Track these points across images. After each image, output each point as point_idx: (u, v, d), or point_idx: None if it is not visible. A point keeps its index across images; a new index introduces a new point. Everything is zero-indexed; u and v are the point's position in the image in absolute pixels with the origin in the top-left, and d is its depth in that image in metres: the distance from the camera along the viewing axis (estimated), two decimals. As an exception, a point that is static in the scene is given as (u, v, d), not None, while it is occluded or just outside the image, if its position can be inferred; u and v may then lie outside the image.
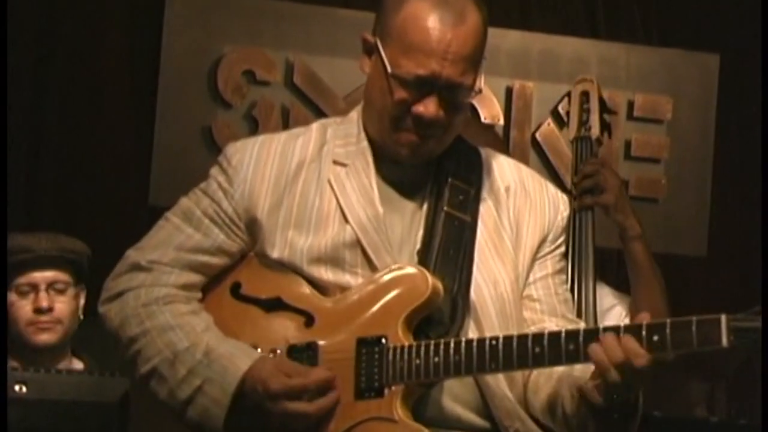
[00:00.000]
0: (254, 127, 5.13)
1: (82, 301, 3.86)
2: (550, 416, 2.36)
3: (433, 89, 2.31)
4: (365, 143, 2.43)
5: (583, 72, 5.35)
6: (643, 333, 2.14)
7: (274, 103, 5.21)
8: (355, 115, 2.49)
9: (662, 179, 5.54)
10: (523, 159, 5.31)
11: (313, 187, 2.41)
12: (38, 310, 3.73)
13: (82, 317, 3.85)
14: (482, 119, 5.33)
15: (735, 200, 5.50)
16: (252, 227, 2.41)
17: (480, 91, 2.36)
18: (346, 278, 2.35)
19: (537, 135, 5.45)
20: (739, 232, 5.40)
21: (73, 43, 5.09)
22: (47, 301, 3.74)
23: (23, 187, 4.95)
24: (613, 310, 3.64)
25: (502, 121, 5.40)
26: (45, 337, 3.74)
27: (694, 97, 5.59)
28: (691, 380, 5.12)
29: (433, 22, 2.30)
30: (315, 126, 2.53)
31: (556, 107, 5.39)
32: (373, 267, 2.34)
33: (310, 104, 5.23)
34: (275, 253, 2.38)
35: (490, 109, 5.38)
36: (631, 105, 5.52)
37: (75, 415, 2.97)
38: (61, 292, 3.78)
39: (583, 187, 3.57)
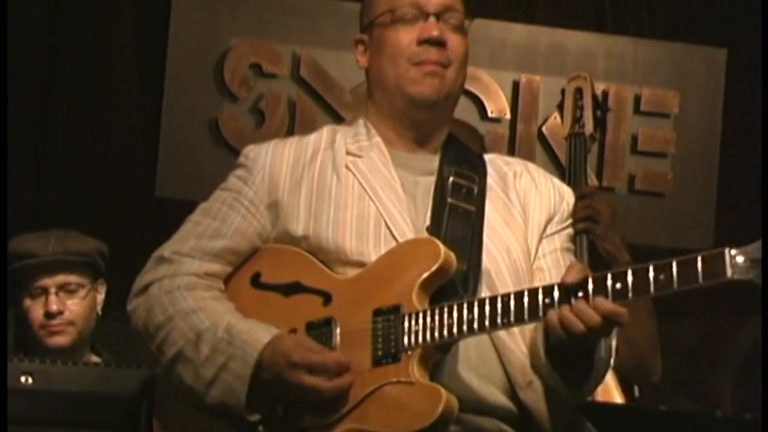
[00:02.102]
0: (260, 120, 5.13)
1: (100, 297, 3.82)
2: (531, 366, 2.42)
3: (429, 14, 2.51)
4: (377, 138, 2.55)
5: (590, 65, 5.38)
6: (650, 274, 2.18)
7: (281, 96, 5.21)
8: (361, 120, 2.61)
9: (669, 173, 5.54)
10: (530, 153, 5.32)
11: (329, 170, 2.51)
12: (48, 314, 3.70)
13: (99, 313, 3.82)
14: (489, 113, 5.33)
15: (741, 194, 5.50)
16: (273, 208, 2.49)
17: (472, 19, 2.56)
18: (369, 248, 2.42)
19: (543, 129, 5.44)
20: (745, 226, 5.39)
21: (81, 36, 5.09)
22: (57, 304, 3.69)
23: (29, 180, 4.96)
24: None
25: (508, 115, 5.41)
26: (57, 340, 3.71)
27: (701, 92, 5.58)
28: (696, 374, 5.13)
29: None
30: (325, 128, 2.64)
31: (562, 101, 5.38)
32: (395, 241, 2.42)
33: (317, 97, 5.23)
34: (300, 230, 2.46)
35: (496, 103, 5.38)
36: (637, 99, 5.52)
37: (81, 406, 2.97)
38: (73, 293, 3.73)
39: (576, 216, 3.61)
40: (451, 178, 2.51)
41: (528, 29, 5.46)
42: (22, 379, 2.95)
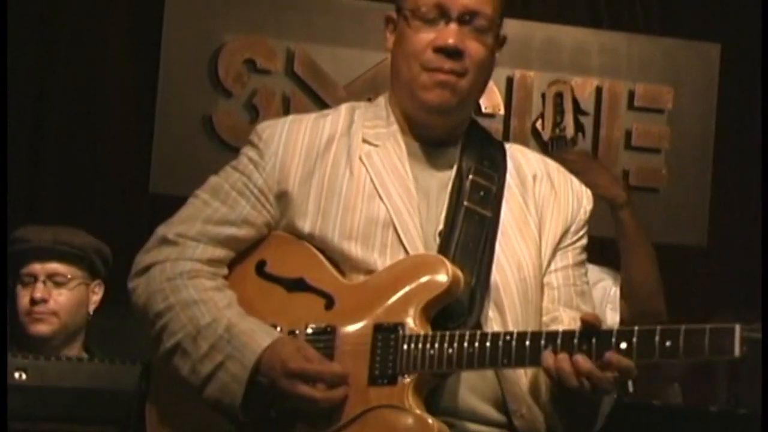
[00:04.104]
0: (255, 116, 5.12)
1: (95, 297, 3.85)
2: (535, 401, 2.39)
3: (451, 18, 2.41)
4: (395, 126, 2.49)
5: (584, 61, 5.39)
6: (656, 338, 2.16)
7: (275, 92, 5.21)
8: (382, 100, 2.55)
9: (662, 169, 5.54)
10: (524, 148, 5.32)
11: (343, 161, 2.45)
12: (33, 301, 3.73)
13: (91, 313, 3.84)
14: (483, 109, 5.33)
15: (735, 190, 5.50)
16: (282, 199, 2.44)
17: (500, 22, 2.45)
18: (375, 256, 2.38)
19: (537, 125, 5.43)
20: (739, 222, 5.40)
21: (75, 32, 5.09)
22: (42, 292, 3.73)
23: (25, 176, 4.96)
24: (599, 285, 3.66)
25: (502, 111, 5.41)
26: (40, 328, 3.73)
27: (695, 87, 5.59)
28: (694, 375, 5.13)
29: None
30: (344, 106, 2.57)
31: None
32: (403, 248, 2.38)
33: (311, 93, 5.23)
34: (307, 227, 2.41)
35: (490, 99, 5.38)
36: (631, 94, 5.53)
37: (74, 401, 2.98)
38: (61, 284, 3.77)
39: None
40: (470, 177, 2.46)
41: (522, 25, 5.45)
42: (16, 375, 2.95)
